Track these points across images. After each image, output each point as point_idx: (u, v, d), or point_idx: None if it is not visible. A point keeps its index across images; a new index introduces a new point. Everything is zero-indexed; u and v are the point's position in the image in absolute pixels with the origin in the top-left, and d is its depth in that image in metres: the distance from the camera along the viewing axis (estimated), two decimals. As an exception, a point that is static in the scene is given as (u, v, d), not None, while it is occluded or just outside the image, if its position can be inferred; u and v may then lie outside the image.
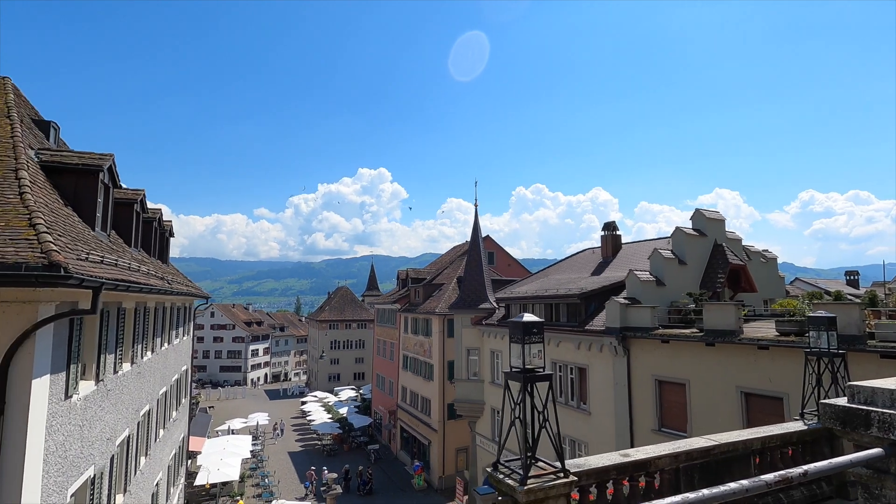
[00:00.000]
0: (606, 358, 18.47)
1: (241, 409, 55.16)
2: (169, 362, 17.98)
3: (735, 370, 14.28)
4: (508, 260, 44.28)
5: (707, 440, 5.40)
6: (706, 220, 20.52)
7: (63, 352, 7.59)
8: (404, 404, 39.09)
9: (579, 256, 29.09)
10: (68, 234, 8.12)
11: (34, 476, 6.63)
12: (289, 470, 36.61)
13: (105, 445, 9.99)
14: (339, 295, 77.84)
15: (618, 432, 17.79)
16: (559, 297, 21.29)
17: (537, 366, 4.46)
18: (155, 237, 17.04)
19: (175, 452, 20.50)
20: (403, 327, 40.16)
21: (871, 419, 1.63)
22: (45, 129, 13.53)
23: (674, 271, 19.25)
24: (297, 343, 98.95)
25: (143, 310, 13.34)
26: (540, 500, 4.10)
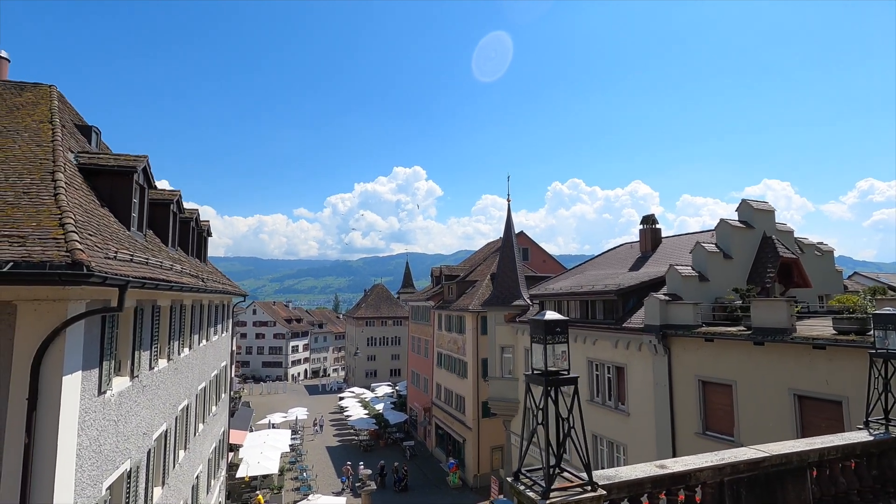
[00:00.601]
0: (646, 357, 17.67)
1: (282, 404, 56.63)
2: (207, 358, 18.45)
3: (787, 371, 13.31)
4: (543, 256, 43.44)
5: (756, 451, 4.88)
6: (754, 212, 19.31)
7: (96, 349, 7.75)
8: (439, 401, 39.03)
9: (616, 251, 28.10)
10: (100, 233, 8.29)
11: (67, 469, 6.78)
12: (326, 464, 37.24)
13: (141, 440, 10.23)
14: (375, 292, 78.74)
15: (658, 435, 17.00)
16: (595, 293, 20.56)
17: (562, 368, 4.10)
18: (192, 237, 17.47)
19: (216, 446, 21.09)
20: (437, 324, 40.08)
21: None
22: (87, 134, 14.04)
23: (718, 266, 18.21)
24: (336, 340, 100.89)
25: (180, 307, 13.66)
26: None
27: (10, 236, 6.30)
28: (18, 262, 5.63)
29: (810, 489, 4.91)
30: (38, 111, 11.50)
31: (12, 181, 8.08)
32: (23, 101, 11.99)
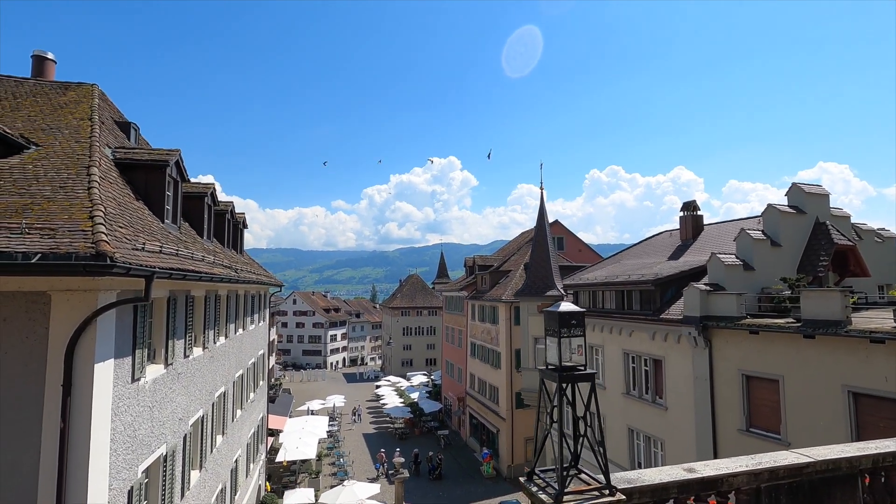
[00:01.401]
0: (685, 349, 16.92)
1: (320, 391, 58.14)
2: (244, 347, 18.99)
3: (841, 366, 12.40)
4: (579, 245, 42.44)
5: (798, 455, 4.46)
6: (805, 196, 18.03)
7: (128, 337, 8.00)
8: (473, 391, 39.01)
9: (655, 240, 27.03)
10: (132, 225, 8.52)
11: (102, 453, 7.03)
12: (363, 451, 38.00)
13: (177, 425, 10.59)
14: (409, 283, 79.39)
15: (698, 430, 16.29)
16: (631, 283, 19.82)
17: (577, 363, 3.83)
18: (228, 228, 17.92)
19: (254, 431, 21.78)
20: (471, 314, 39.94)
21: None
22: (125, 130, 14.55)
23: (765, 254, 17.15)
24: (373, 329, 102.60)
25: (214, 297, 14.04)
26: (580, 519, 3.49)
27: (42, 229, 6.52)
28: (46, 254, 5.81)
29: (861, 499, 4.45)
30: (79, 109, 11.95)
31: (50, 176, 8.40)
32: (66, 99, 12.49)
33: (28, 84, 12.76)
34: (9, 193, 7.45)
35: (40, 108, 11.38)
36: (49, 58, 15.12)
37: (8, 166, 8.41)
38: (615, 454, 20.50)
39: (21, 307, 6.52)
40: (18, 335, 6.49)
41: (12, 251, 5.77)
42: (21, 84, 12.69)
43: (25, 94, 12.15)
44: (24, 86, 12.60)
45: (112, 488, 7.36)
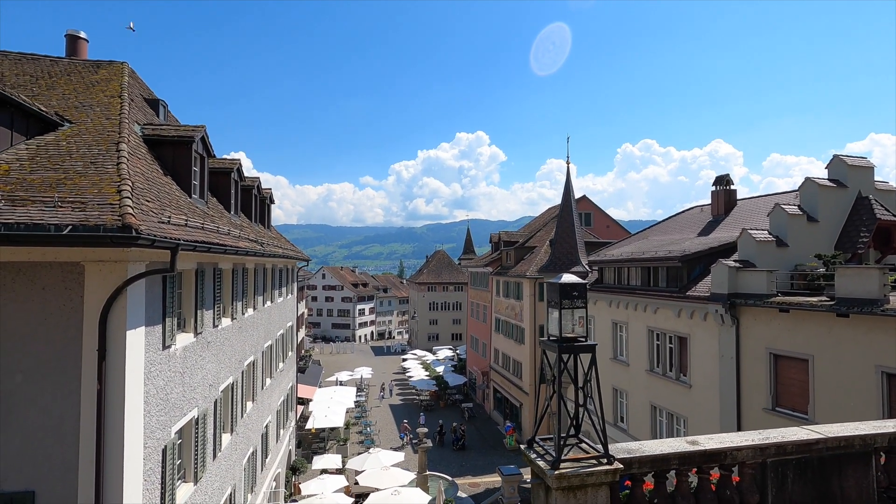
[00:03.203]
0: (711, 327, 16.58)
1: (349, 363, 59.80)
2: (273, 318, 19.64)
3: (875, 346, 11.94)
4: (607, 221, 41.64)
5: (809, 431, 4.38)
6: (848, 169, 17.10)
7: (158, 306, 8.40)
8: (496, 366, 39.40)
9: (685, 215, 26.25)
10: (159, 199, 8.83)
11: (136, 413, 7.50)
12: (389, 421, 39.13)
13: (207, 391, 11.14)
14: (436, 259, 79.83)
15: (722, 408, 16.08)
16: (657, 259, 19.40)
17: (579, 334, 3.83)
18: (255, 204, 18.34)
19: (284, 399, 22.69)
20: (495, 290, 40.02)
21: None
22: (154, 107, 14.91)
23: (800, 230, 16.46)
24: (400, 304, 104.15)
25: (242, 270, 14.49)
26: (576, 487, 3.56)
27: (74, 202, 6.84)
28: (76, 226, 6.11)
29: (874, 477, 4.36)
30: (110, 87, 12.29)
31: (82, 152, 8.74)
32: (98, 77, 12.85)
33: (62, 63, 13.16)
34: (44, 169, 7.81)
35: (73, 87, 11.76)
36: (82, 37, 15.53)
37: (44, 143, 8.79)
38: (638, 430, 20.49)
39: (58, 276, 6.92)
40: (56, 303, 6.91)
41: (46, 223, 6.09)
42: (56, 63, 13.10)
43: (60, 73, 12.55)
44: (58, 65, 13.01)
45: (147, 446, 7.86)
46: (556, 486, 3.51)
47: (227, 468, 12.78)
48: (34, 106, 8.91)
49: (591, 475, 3.55)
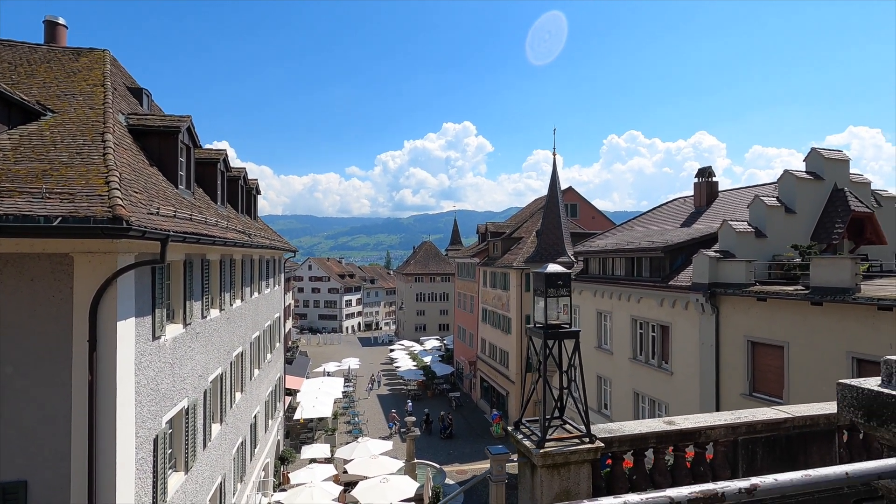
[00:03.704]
0: (692, 316, 17.04)
1: (336, 354, 59.83)
2: (260, 309, 19.63)
3: (847, 334, 12.44)
4: (592, 212, 42.08)
5: (778, 411, 4.66)
6: (824, 161, 17.60)
7: (147, 298, 8.42)
8: (483, 356, 39.82)
9: (668, 206, 26.71)
10: (147, 190, 8.81)
11: (128, 404, 7.56)
12: (377, 411, 39.40)
13: (197, 381, 11.19)
14: (423, 249, 79.87)
15: (702, 394, 16.59)
16: (641, 250, 19.80)
17: (563, 321, 4.03)
18: (241, 194, 18.23)
19: (272, 390, 22.75)
20: (482, 281, 40.31)
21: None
22: (138, 96, 14.71)
23: (779, 221, 16.93)
24: (387, 295, 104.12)
25: (230, 262, 14.47)
26: (560, 464, 3.77)
27: (62, 193, 6.82)
28: (66, 217, 6.12)
29: (837, 453, 4.66)
30: (92, 75, 12.09)
31: (67, 142, 8.66)
32: (79, 66, 12.63)
33: (41, 50, 12.90)
34: (28, 159, 7.74)
35: (54, 75, 11.56)
36: (60, 23, 15.19)
37: (27, 133, 8.69)
38: (621, 417, 21.00)
39: (46, 268, 6.91)
40: (45, 294, 6.91)
41: (35, 214, 6.09)
42: (34, 50, 12.84)
43: (39, 60, 12.31)
44: (37, 52, 12.75)
45: (138, 436, 7.93)
46: (541, 464, 3.72)
47: (217, 458, 12.87)
48: (16, 95, 8.79)
49: (573, 453, 3.76)
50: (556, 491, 3.76)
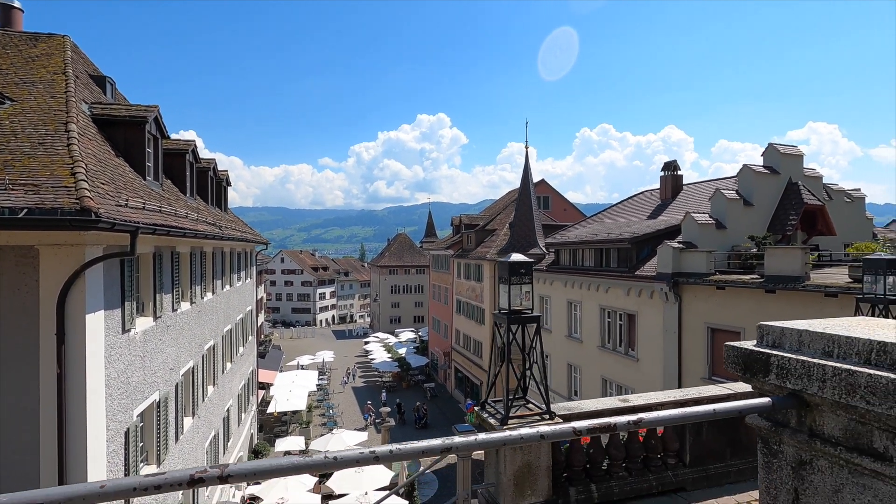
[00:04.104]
0: (657, 304, 17.74)
1: (310, 347, 59.37)
2: (232, 302, 19.43)
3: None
4: (564, 205, 42.85)
5: (722, 388, 5.07)
6: (781, 157, 18.49)
7: (117, 290, 8.34)
8: (458, 346, 40.28)
9: (636, 199, 27.53)
10: (114, 182, 8.68)
11: (98, 397, 7.52)
12: (352, 403, 39.46)
13: (168, 374, 11.11)
14: (397, 242, 79.73)
15: (665, 379, 17.34)
16: (609, 241, 20.43)
17: (525, 307, 4.29)
18: (211, 186, 17.94)
19: (245, 383, 22.58)
20: (456, 273, 40.66)
21: (771, 364, 1.36)
22: (101, 84, 14.28)
23: (738, 213, 17.75)
24: (361, 287, 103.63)
25: (200, 254, 14.30)
26: (522, 439, 4.05)
27: (26, 185, 6.70)
28: (32, 209, 6.04)
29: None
30: (52, 62, 11.72)
31: (28, 132, 8.45)
32: (38, 52, 12.20)
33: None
34: (-11, 150, 7.54)
35: (11, 61, 11.15)
36: (16, 6, 14.59)
37: (-15, 122, 8.43)
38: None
39: (11, 261, 6.80)
40: (11, 288, 6.80)
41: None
42: (-11, 35, 12.33)
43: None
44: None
45: (109, 429, 7.90)
46: (504, 440, 3.99)
47: (189, 451, 12.81)
48: (-27, 82, 8.50)
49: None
50: (519, 464, 4.04)
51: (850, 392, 1.21)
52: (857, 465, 1.24)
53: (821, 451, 1.32)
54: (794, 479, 1.41)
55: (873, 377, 1.16)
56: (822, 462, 1.33)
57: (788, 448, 1.42)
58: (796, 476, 1.40)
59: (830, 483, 1.32)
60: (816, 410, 1.35)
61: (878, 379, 1.15)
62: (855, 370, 1.20)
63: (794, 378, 1.33)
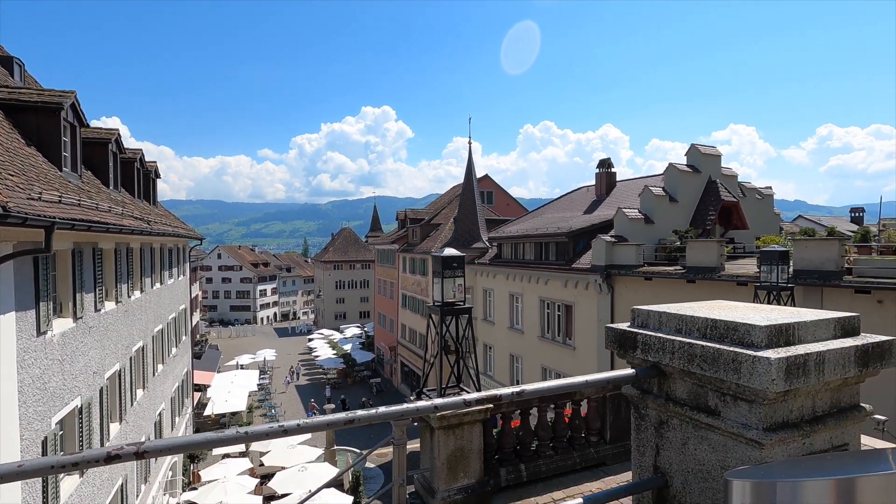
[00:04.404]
0: (591, 295, 18.68)
1: (250, 346, 57.30)
2: (163, 301, 18.45)
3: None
4: (507, 199, 43.85)
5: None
6: (701, 156, 19.94)
7: (30, 290, 7.76)
8: (404, 341, 40.35)
9: (574, 195, 28.71)
10: (25, 173, 8.05)
11: (9, 404, 7.00)
12: (295, 402, 38.58)
13: (91, 379, 10.46)
14: (342, 236, 78.34)
15: (599, 366, 18.32)
16: (548, 235, 21.23)
17: (458, 299, 4.49)
18: (138, 178, 16.91)
19: (178, 386, 21.54)
20: (402, 267, 40.64)
21: (638, 341, 1.61)
22: (8, 66, 13.09)
23: (664, 209, 18.99)
24: (305, 283, 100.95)
25: (126, 250, 13.49)
26: (454, 425, 4.25)
27: (-81, 176, 6.10)
28: (-72, 203, 5.52)
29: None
30: (-53, 39, 10.60)
31: (-80, 117, 7.66)
32: (-71, 27, 10.99)
33: None
34: None
35: None
36: None
37: None
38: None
39: None
40: None
41: None
42: None
43: None
44: None
45: (24, 438, 7.37)
46: (437, 426, 4.17)
47: (116, 458, 12.12)
48: None
49: (466, 415, 4.26)
50: (452, 449, 4.24)
51: (689, 361, 1.47)
52: (697, 420, 1.51)
53: (673, 411, 1.59)
54: (656, 436, 1.67)
55: (705, 348, 1.42)
56: (675, 421, 1.59)
57: (652, 411, 1.67)
58: (657, 434, 1.66)
59: (680, 437, 1.58)
60: (671, 378, 1.62)
61: (708, 349, 1.41)
62: (692, 343, 1.46)
63: (654, 352, 1.59)
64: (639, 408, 1.75)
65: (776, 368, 1.30)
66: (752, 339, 1.42)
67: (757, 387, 1.33)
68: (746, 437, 1.39)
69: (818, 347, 1.40)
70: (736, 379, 1.38)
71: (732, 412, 1.47)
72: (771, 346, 1.39)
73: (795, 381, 1.33)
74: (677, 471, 1.59)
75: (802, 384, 1.34)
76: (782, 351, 1.36)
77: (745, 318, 1.50)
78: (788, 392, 1.35)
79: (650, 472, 1.68)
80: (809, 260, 11.86)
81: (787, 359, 1.32)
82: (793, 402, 1.42)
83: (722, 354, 1.41)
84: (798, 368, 1.34)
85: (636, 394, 1.75)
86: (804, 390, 1.38)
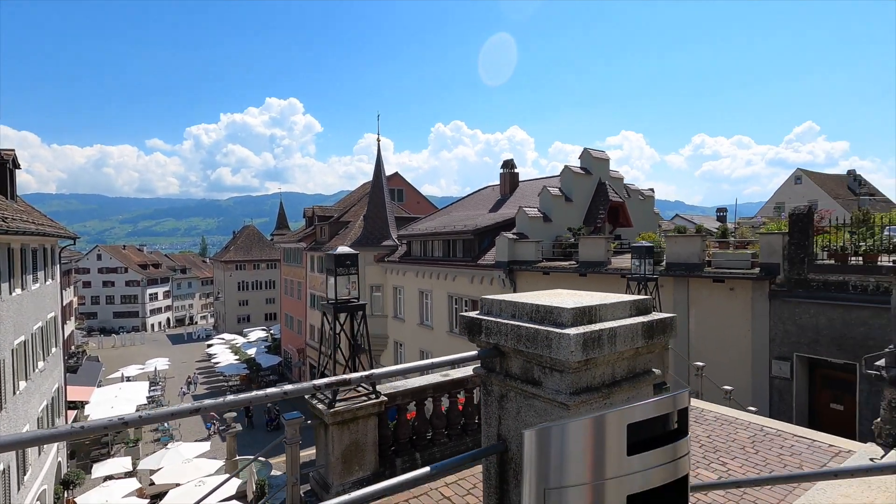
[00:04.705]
0: (496, 290, 19.53)
1: (139, 356, 52.12)
2: (25, 309, 16.23)
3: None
4: (417, 198, 44.27)
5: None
6: (593, 159, 21.68)
7: None
8: (313, 342, 39.13)
9: (480, 194, 29.75)
10: None
11: None
12: (192, 413, 35.84)
13: (-71, 401, 8.97)
14: (245, 234, 73.85)
15: (504, 357, 19.26)
16: (455, 233, 21.83)
17: (351, 297, 4.55)
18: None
19: (47, 404, 19.09)
20: (310, 266, 39.37)
21: (482, 327, 1.84)
22: None
23: (561, 208, 20.38)
24: (202, 285, 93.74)
25: (-25, 252, 11.71)
26: (349, 420, 4.32)
27: None
28: None
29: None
30: None
31: None
32: None
33: None
34: None
35: None
36: None
37: None
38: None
39: None
40: None
41: None
42: None
43: None
44: None
45: None
46: (331, 422, 4.22)
47: (-35, 492, 10.51)
48: None
49: (361, 409, 4.35)
50: (347, 443, 4.30)
51: (518, 340, 1.73)
52: (526, 391, 1.77)
53: (511, 385, 1.84)
54: (498, 408, 1.92)
55: (528, 329, 1.68)
56: (512, 393, 1.85)
57: (495, 387, 1.92)
58: (500, 406, 1.91)
59: (515, 407, 1.84)
60: (508, 357, 1.87)
61: (530, 330, 1.68)
62: (519, 325, 1.72)
63: (494, 335, 1.83)
64: (486, 384, 1.99)
65: (574, 342, 1.59)
66: (562, 320, 1.70)
67: (562, 358, 1.60)
68: (558, 401, 1.67)
69: (612, 324, 1.72)
70: (549, 353, 1.65)
71: (550, 382, 1.74)
72: (575, 324, 1.69)
73: (591, 352, 1.63)
74: (513, 436, 1.84)
75: (598, 354, 1.65)
76: (583, 328, 1.65)
77: (560, 303, 1.78)
78: (588, 361, 1.65)
79: (495, 440, 1.92)
80: (678, 254, 13.51)
81: (585, 334, 1.61)
82: (594, 370, 1.72)
83: (539, 333, 1.68)
84: (594, 342, 1.64)
85: (483, 373, 1.98)
86: (602, 359, 1.70)
